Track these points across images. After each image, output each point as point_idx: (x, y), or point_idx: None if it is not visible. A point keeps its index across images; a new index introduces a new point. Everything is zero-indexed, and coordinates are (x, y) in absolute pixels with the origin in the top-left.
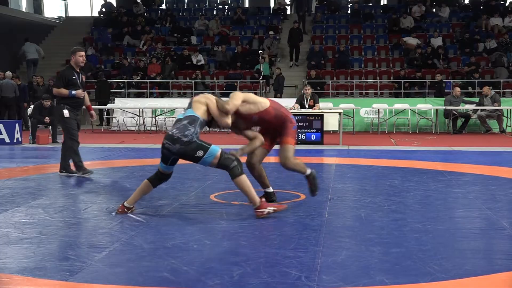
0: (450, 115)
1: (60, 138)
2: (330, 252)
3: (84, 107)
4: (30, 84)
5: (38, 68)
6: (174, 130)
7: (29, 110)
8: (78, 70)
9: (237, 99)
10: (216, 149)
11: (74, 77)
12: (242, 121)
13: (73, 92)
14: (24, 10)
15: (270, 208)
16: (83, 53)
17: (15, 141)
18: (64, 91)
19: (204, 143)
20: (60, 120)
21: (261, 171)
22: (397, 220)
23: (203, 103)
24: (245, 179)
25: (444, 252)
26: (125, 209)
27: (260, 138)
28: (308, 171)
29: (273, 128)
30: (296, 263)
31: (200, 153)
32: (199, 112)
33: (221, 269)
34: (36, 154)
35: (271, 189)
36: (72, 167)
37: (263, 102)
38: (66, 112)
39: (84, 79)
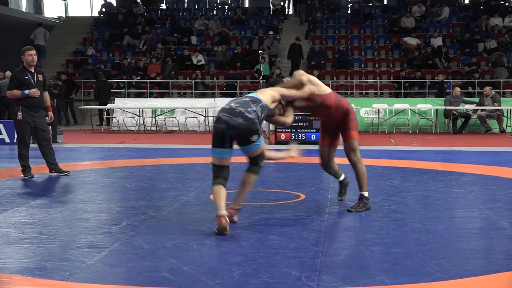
0: (450, 115)
1: (60, 138)
2: (330, 252)
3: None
4: None
5: (45, 55)
6: (234, 104)
7: None
8: (33, 70)
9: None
10: (263, 140)
11: (26, 77)
12: (304, 102)
13: (26, 92)
14: (24, 10)
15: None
16: (32, 52)
17: (15, 141)
18: (16, 92)
19: (259, 128)
20: (15, 123)
21: (334, 165)
22: (397, 220)
23: (269, 92)
24: (254, 180)
25: (444, 252)
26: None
27: (289, 154)
28: (366, 193)
29: (334, 120)
30: (296, 263)
31: (254, 137)
32: (264, 97)
33: (221, 269)
34: (36, 154)
35: (342, 177)
36: (61, 166)
37: (326, 87)
38: (19, 115)
39: (41, 78)
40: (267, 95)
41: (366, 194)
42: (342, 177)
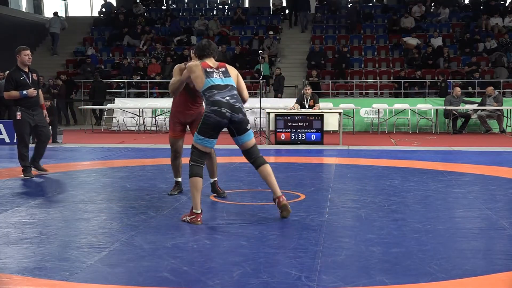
0: (450, 115)
1: (60, 138)
2: (330, 252)
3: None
4: None
5: (59, 42)
6: (230, 99)
7: None
8: (27, 70)
9: None
10: None
11: (22, 78)
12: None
13: (24, 92)
14: (24, 10)
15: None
16: (27, 52)
17: (15, 141)
18: (14, 93)
19: None
20: (14, 123)
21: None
22: (397, 220)
23: (235, 75)
24: (270, 168)
25: (444, 252)
26: (196, 215)
27: None
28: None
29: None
30: (296, 263)
31: (248, 125)
32: (233, 79)
33: (221, 269)
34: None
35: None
36: (44, 166)
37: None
38: (18, 115)
39: (35, 77)
40: (233, 78)
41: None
42: (180, 178)
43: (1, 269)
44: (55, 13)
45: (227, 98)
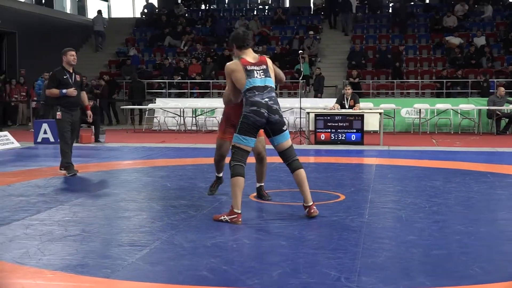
0: (493, 115)
1: (103, 138)
2: (370, 253)
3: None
4: None
5: (105, 40)
6: (268, 100)
7: None
8: (71, 70)
9: None
10: None
11: (65, 77)
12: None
13: (64, 91)
14: (68, 11)
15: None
16: (73, 53)
17: (59, 140)
18: (55, 91)
19: None
20: (55, 122)
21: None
22: (438, 222)
23: (272, 70)
24: (305, 174)
25: (486, 254)
26: (237, 215)
27: None
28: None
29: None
30: (336, 264)
31: (285, 127)
32: (272, 79)
33: (260, 268)
34: (79, 153)
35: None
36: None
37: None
38: (58, 114)
39: (79, 79)
40: (272, 76)
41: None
42: (221, 174)
43: (45, 266)
44: (99, 11)
45: (266, 99)
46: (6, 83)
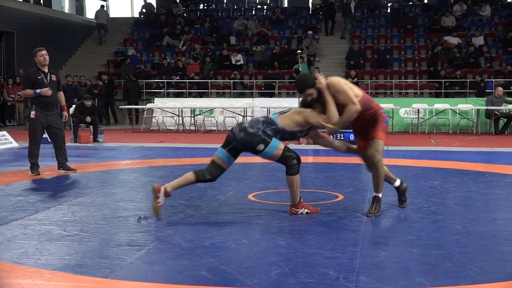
0: (492, 115)
1: (101, 137)
2: (369, 253)
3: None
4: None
5: (108, 33)
6: (248, 120)
7: (71, 110)
8: (46, 70)
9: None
10: (278, 143)
11: (40, 77)
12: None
13: (37, 91)
14: (66, 11)
15: (304, 209)
16: (43, 52)
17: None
18: (29, 92)
19: (267, 137)
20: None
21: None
22: (437, 222)
23: (294, 117)
24: (297, 179)
25: (485, 254)
26: (165, 192)
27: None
28: (398, 182)
29: (363, 122)
30: (334, 263)
31: (261, 147)
32: (284, 121)
33: (259, 268)
34: (78, 153)
35: (398, 182)
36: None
37: (358, 91)
38: (32, 113)
39: (54, 78)
40: (290, 121)
41: (380, 195)
42: (397, 183)
43: (44, 266)
44: (102, 6)
45: (246, 121)
46: (2, 83)
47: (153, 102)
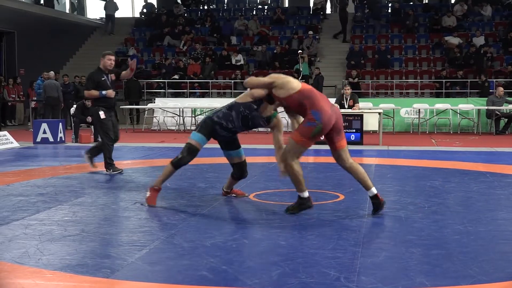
0: (492, 115)
1: None
2: (369, 253)
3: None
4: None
5: (114, 25)
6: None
7: (72, 110)
8: (107, 72)
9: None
10: (197, 136)
11: (103, 79)
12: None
13: (103, 92)
14: (67, 11)
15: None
16: (112, 57)
17: (58, 140)
18: (94, 93)
19: (202, 124)
20: (96, 122)
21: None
22: (437, 222)
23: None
24: (173, 171)
25: (485, 254)
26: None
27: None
28: (305, 194)
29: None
30: (335, 263)
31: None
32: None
33: (260, 268)
34: (79, 153)
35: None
36: (117, 165)
37: (291, 88)
38: (101, 113)
39: (114, 78)
40: (243, 96)
41: (303, 195)
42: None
43: (45, 266)
44: None
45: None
46: (3, 83)
47: (154, 102)
